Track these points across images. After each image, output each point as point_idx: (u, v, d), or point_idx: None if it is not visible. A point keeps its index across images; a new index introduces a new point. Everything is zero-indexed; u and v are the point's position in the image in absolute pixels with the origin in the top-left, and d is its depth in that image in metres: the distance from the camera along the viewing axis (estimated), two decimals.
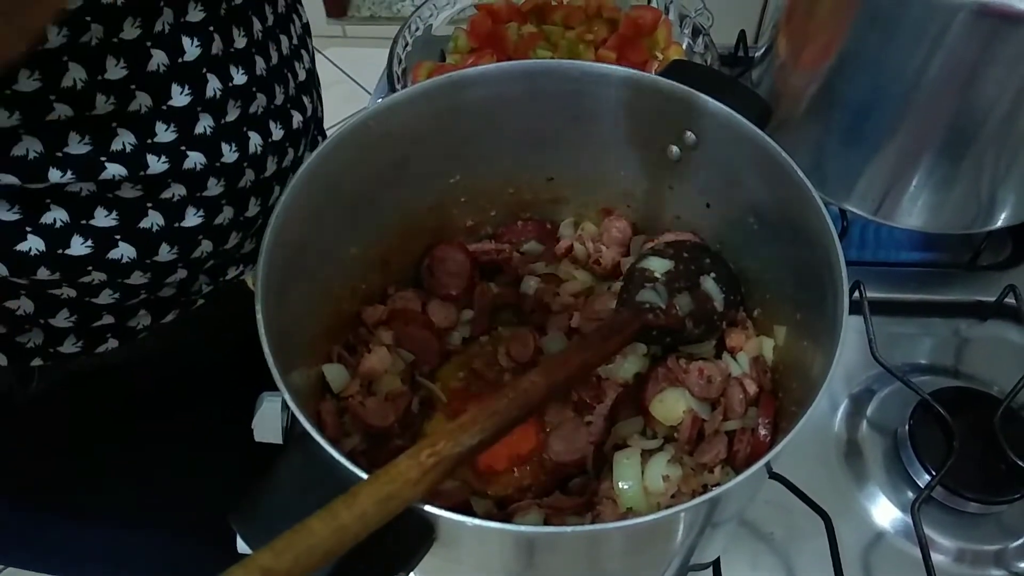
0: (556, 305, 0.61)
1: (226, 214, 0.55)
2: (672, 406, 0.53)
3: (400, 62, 0.80)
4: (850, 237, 0.83)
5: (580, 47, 0.84)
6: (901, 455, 0.67)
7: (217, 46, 0.50)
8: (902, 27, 0.63)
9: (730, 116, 0.51)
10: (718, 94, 0.52)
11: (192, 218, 0.53)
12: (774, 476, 0.63)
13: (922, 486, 0.64)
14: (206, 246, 0.55)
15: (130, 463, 0.71)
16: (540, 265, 0.64)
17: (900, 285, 0.78)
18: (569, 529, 0.38)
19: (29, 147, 0.44)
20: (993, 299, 0.75)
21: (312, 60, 0.66)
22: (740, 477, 0.39)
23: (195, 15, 0.48)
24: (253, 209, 0.56)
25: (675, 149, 0.56)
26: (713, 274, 0.56)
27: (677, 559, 0.49)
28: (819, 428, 0.70)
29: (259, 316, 0.43)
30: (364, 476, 0.37)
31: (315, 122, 0.66)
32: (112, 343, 0.57)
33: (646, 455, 0.53)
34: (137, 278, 0.52)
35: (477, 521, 0.37)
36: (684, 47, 0.83)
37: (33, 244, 0.47)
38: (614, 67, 0.53)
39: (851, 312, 0.73)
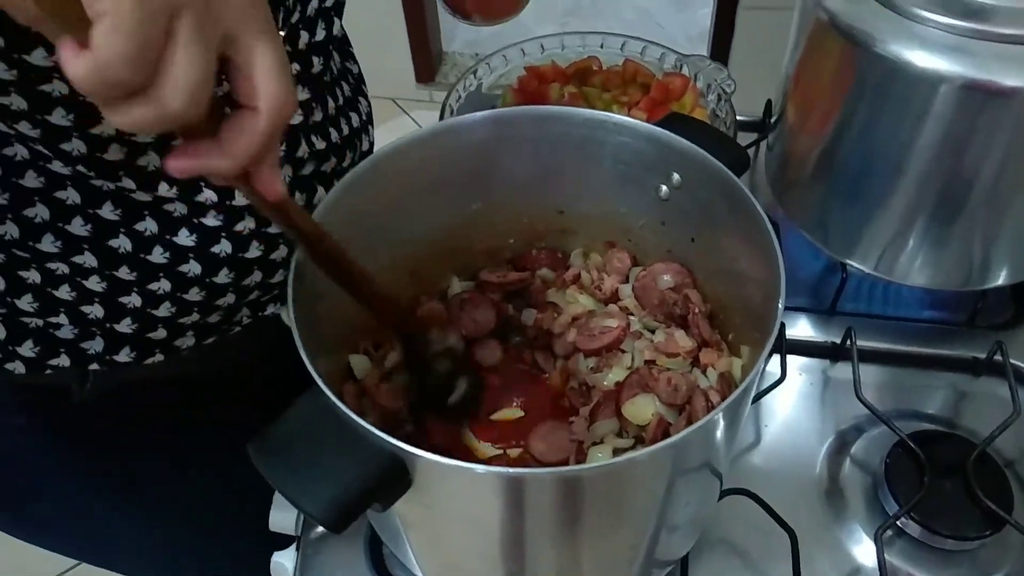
0: (557, 327, 0.69)
1: (281, 252, 0.64)
2: (642, 409, 0.60)
3: (451, 112, 0.91)
4: (856, 290, 0.88)
5: (614, 107, 0.93)
6: (877, 490, 0.71)
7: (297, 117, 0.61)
8: (893, 98, 0.70)
9: (706, 158, 0.59)
10: (701, 141, 0.61)
11: (254, 250, 0.62)
12: (749, 494, 0.68)
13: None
14: (256, 276, 0.64)
15: (169, 469, 0.79)
16: (552, 291, 0.73)
17: (899, 338, 0.83)
18: (543, 470, 0.45)
19: (151, 160, 0.55)
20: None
21: (368, 106, 0.77)
22: (694, 426, 0.45)
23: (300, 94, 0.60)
24: None
25: (664, 188, 0.64)
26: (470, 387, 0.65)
27: (651, 524, 0.55)
28: (803, 463, 0.75)
29: (289, 304, 0.51)
30: (360, 420, 0.46)
31: None
32: (159, 357, 0.65)
33: (618, 452, 0.60)
34: (194, 294, 0.61)
35: (447, 460, 0.44)
36: (708, 111, 0.92)
37: (123, 243, 0.57)
38: (612, 115, 0.62)
39: (844, 358, 0.80)
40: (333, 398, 0.46)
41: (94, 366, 0.63)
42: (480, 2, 0.77)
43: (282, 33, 0.59)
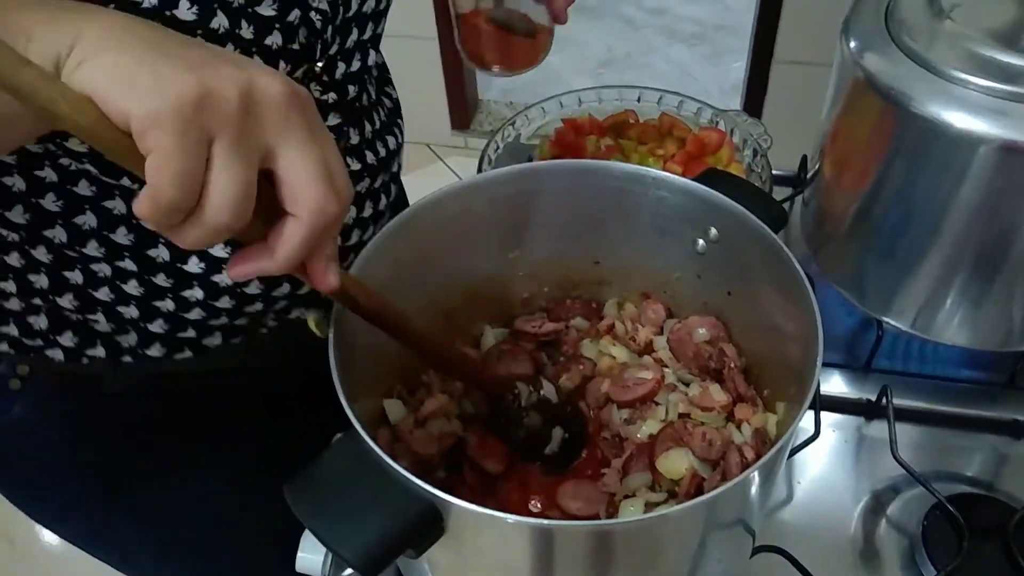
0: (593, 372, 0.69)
1: None
2: (676, 463, 0.59)
3: (490, 162, 0.93)
4: (892, 347, 0.87)
5: (650, 160, 0.94)
6: (914, 553, 0.69)
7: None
8: (930, 158, 0.70)
9: (744, 214, 0.59)
10: (739, 197, 0.61)
11: None
12: (782, 552, 0.67)
13: None
14: (284, 288, 0.67)
15: (182, 476, 0.79)
16: (587, 341, 0.73)
17: (937, 397, 0.82)
18: (576, 524, 0.45)
19: None
20: None
21: (397, 140, 0.79)
22: (730, 483, 0.46)
23: (332, 119, 0.63)
24: None
25: (701, 242, 0.64)
26: (567, 434, 0.65)
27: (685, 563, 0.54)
28: (837, 522, 0.74)
29: (331, 352, 0.52)
30: (396, 466, 0.46)
31: (396, 203, 0.79)
32: (187, 354, 0.68)
33: (651, 506, 0.60)
34: (225, 302, 0.65)
35: (481, 509, 0.45)
36: (744, 166, 0.93)
37: (161, 253, 0.60)
38: (650, 169, 0.63)
39: (880, 416, 0.79)
40: (371, 443, 0.47)
41: (127, 358, 0.67)
42: (500, 53, 0.80)
43: (319, 65, 0.61)
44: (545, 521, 0.46)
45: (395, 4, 0.71)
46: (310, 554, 0.72)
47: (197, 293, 0.63)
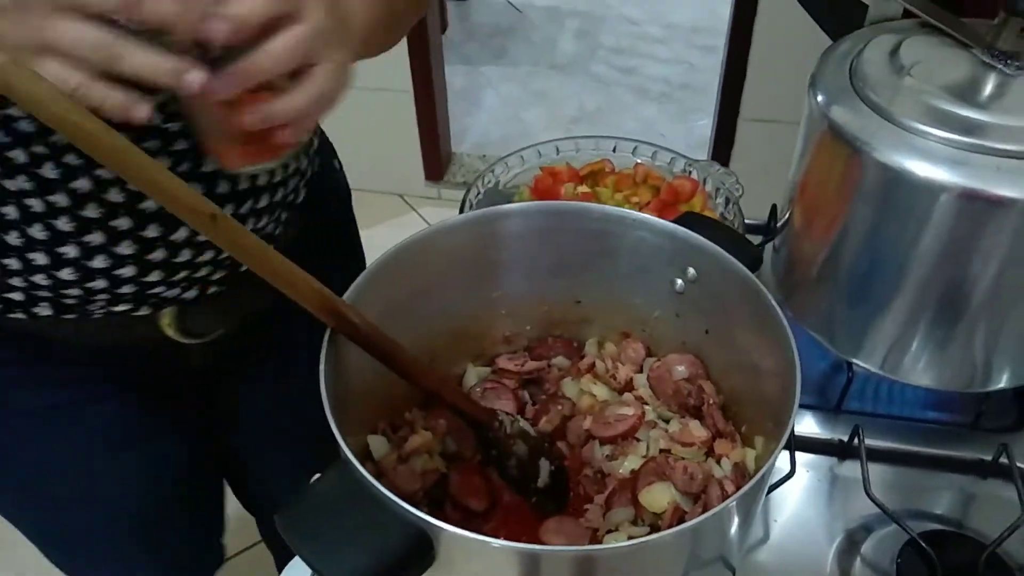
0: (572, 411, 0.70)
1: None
2: (658, 496, 0.60)
3: (471, 207, 0.95)
4: (862, 390, 0.90)
5: (625, 207, 0.97)
6: None
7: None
8: (894, 206, 0.73)
9: (723, 255, 0.62)
10: (717, 239, 0.64)
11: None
12: None
13: None
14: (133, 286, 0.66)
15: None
16: (568, 380, 0.74)
17: (905, 437, 0.84)
18: (563, 548, 0.46)
19: None
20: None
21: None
22: (712, 511, 0.47)
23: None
24: None
25: (680, 282, 0.67)
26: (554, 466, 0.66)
27: None
28: (812, 561, 0.75)
29: (323, 387, 0.53)
30: (389, 494, 0.47)
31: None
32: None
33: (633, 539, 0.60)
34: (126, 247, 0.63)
35: (470, 534, 0.45)
36: (718, 214, 0.96)
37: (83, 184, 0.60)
38: (630, 211, 0.66)
39: (851, 456, 0.81)
40: (363, 471, 0.47)
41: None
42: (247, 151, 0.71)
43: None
44: (534, 546, 0.47)
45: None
46: None
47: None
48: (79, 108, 0.42)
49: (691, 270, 0.65)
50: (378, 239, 0.87)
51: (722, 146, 2.33)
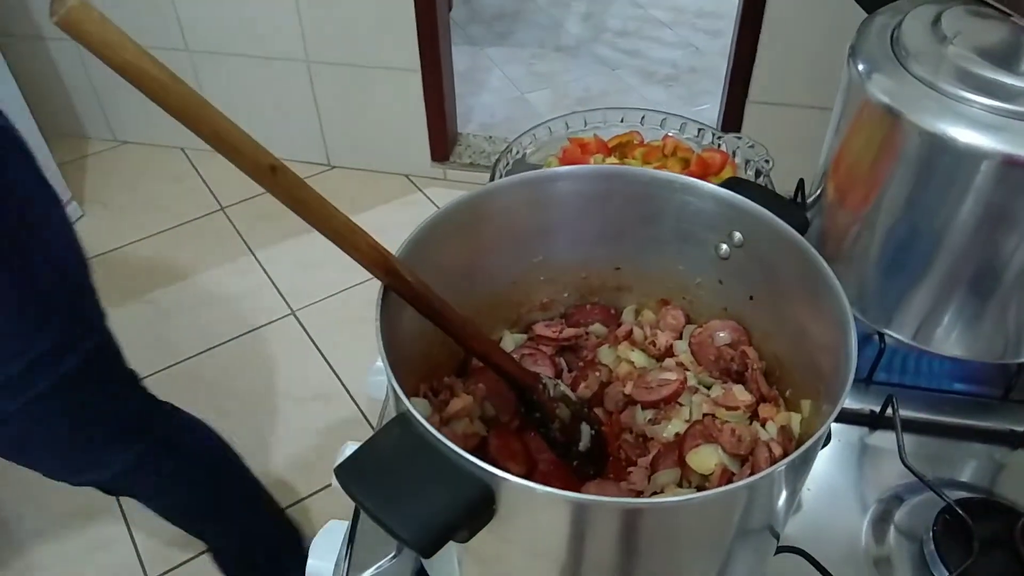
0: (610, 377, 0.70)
1: None
2: (706, 458, 0.60)
3: (501, 176, 0.95)
4: (890, 362, 0.90)
5: None
6: (926, 557, 0.71)
7: None
8: (935, 174, 0.73)
9: (771, 219, 0.62)
10: (765, 203, 0.64)
11: None
12: (802, 553, 0.68)
13: None
14: None
15: None
16: (605, 347, 0.74)
17: (936, 408, 0.84)
18: (625, 500, 0.46)
19: None
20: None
21: None
22: (765, 471, 0.47)
23: None
24: None
25: (724, 247, 0.66)
26: (593, 430, 0.66)
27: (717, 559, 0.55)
28: (847, 528, 0.75)
29: (379, 342, 0.54)
30: (455, 447, 0.47)
31: None
32: None
33: None
34: None
35: (536, 485, 0.45)
36: None
37: None
38: (678, 175, 0.65)
39: (883, 426, 0.81)
40: (426, 424, 0.47)
41: None
42: None
43: None
44: (609, 498, 0.47)
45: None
46: (320, 560, 0.72)
47: None
48: (149, 55, 0.41)
49: (737, 234, 0.65)
50: (385, 219, 0.87)
51: (730, 129, 2.32)
